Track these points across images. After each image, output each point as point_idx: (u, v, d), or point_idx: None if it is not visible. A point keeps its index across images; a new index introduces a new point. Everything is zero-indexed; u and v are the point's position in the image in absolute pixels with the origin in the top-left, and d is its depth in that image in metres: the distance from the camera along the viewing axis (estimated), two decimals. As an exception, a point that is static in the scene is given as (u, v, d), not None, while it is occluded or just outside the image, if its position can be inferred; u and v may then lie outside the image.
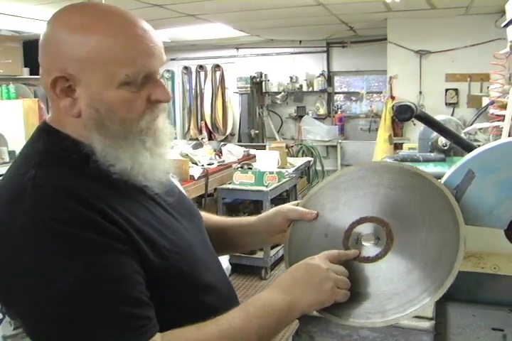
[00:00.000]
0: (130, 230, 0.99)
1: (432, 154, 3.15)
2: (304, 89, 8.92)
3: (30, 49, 6.99)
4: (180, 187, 1.31)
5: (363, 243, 1.21)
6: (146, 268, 1.00)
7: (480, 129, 4.00)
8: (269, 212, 1.40)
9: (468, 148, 1.92)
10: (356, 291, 1.14)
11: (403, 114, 1.78)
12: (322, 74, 8.89)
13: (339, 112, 8.98)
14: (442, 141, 3.08)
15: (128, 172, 1.06)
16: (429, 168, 2.97)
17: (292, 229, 1.32)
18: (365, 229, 1.22)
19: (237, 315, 1.03)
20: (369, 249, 1.20)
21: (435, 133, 3.11)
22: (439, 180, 1.23)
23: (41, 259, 0.90)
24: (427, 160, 3.09)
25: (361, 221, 1.22)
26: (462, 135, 3.00)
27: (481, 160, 1.27)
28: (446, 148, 3.09)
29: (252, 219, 1.45)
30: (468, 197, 1.28)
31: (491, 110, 4.02)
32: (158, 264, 1.03)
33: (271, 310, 1.05)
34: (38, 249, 0.91)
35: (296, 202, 1.38)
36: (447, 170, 1.36)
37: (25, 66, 7.00)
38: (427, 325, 1.23)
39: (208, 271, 1.18)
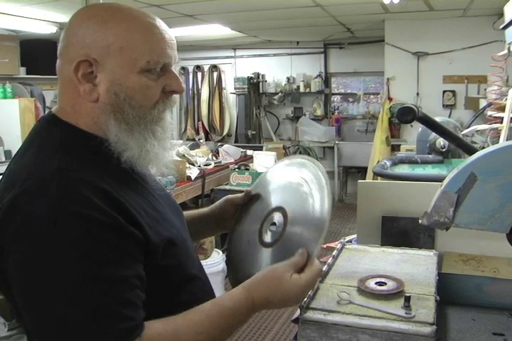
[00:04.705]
0: (144, 225, 1.05)
1: (430, 156, 3.15)
2: (301, 90, 8.88)
3: (27, 48, 6.97)
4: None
5: (270, 230, 1.34)
6: (151, 261, 1.07)
7: (477, 131, 4.00)
8: (219, 201, 1.55)
9: (470, 150, 1.92)
10: None
11: (405, 116, 1.78)
12: (319, 75, 8.86)
13: (336, 113, 8.95)
14: (440, 142, 3.08)
15: (135, 160, 1.13)
16: (427, 170, 2.96)
17: (241, 209, 1.51)
18: (274, 217, 1.36)
19: (218, 326, 1.08)
20: (273, 234, 1.33)
21: (433, 135, 3.11)
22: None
23: (55, 251, 0.95)
24: (425, 162, 3.09)
25: (272, 211, 1.38)
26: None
27: (484, 163, 1.26)
28: (444, 150, 3.09)
29: (204, 210, 1.58)
30: (470, 200, 1.26)
31: (489, 112, 4.02)
32: (162, 255, 1.09)
33: (241, 324, 1.15)
34: (55, 241, 0.95)
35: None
36: (448, 173, 1.35)
37: (22, 65, 6.97)
38: (428, 330, 1.21)
39: (193, 262, 1.27)
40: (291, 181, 1.43)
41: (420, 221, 1.33)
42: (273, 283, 1.13)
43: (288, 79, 9.00)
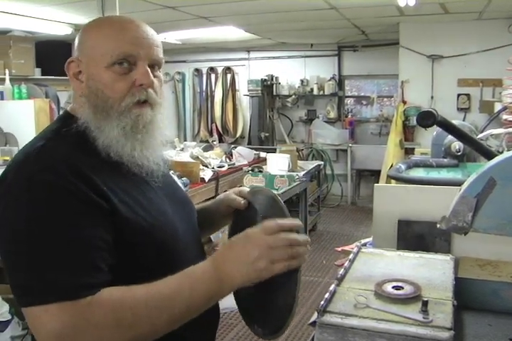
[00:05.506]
0: (114, 200, 1.16)
1: (445, 159, 3.13)
2: (315, 92, 8.88)
3: (42, 50, 7.02)
4: (179, 183, 1.53)
5: None
6: (122, 237, 1.16)
7: (492, 135, 3.98)
8: (217, 199, 1.58)
9: (489, 155, 1.90)
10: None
11: (425, 121, 1.77)
12: (333, 77, 8.86)
13: (349, 116, 8.94)
14: (456, 146, 3.06)
15: (105, 147, 1.24)
16: (442, 174, 2.95)
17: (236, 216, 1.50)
18: None
19: (171, 285, 1.12)
20: None
21: (448, 139, 3.09)
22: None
23: (26, 212, 1.09)
24: (440, 166, 3.07)
25: None
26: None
27: (503, 168, 1.25)
28: (459, 153, 3.07)
29: (208, 203, 1.64)
30: (489, 205, 1.26)
31: (504, 116, 4.01)
32: (137, 233, 1.18)
33: (203, 288, 1.13)
34: (26, 204, 1.09)
35: (237, 189, 1.53)
36: (463, 177, 1.35)
37: (37, 67, 7.03)
38: (446, 335, 1.21)
39: (186, 252, 1.31)
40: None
41: (438, 225, 1.33)
42: (230, 243, 1.19)
43: (302, 81, 9.00)
